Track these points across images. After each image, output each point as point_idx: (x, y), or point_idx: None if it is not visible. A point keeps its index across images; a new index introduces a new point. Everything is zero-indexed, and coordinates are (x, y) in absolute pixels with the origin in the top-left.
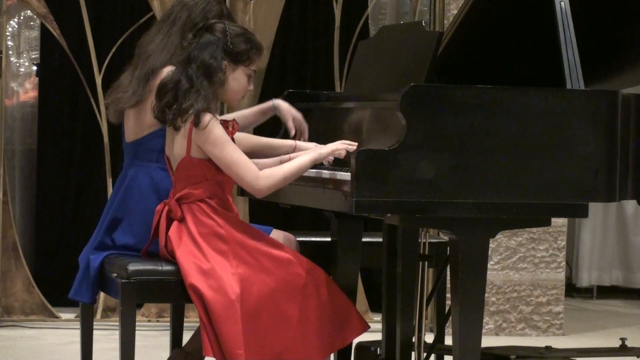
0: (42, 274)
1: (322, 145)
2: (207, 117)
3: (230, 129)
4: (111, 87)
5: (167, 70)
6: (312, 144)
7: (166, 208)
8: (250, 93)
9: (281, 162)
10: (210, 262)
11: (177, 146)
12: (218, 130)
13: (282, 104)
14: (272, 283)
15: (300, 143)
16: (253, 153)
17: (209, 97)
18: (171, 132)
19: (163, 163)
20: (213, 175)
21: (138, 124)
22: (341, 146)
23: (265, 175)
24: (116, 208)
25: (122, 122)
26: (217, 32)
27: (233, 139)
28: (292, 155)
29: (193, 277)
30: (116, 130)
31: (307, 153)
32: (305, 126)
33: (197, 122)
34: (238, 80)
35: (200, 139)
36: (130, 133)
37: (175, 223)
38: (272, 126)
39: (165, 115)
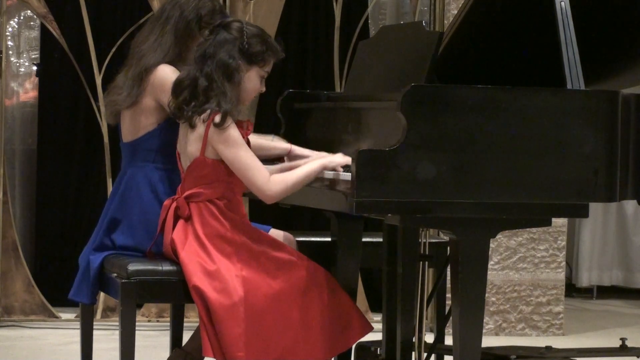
0: (42, 274)
1: (321, 153)
2: (229, 119)
3: (245, 129)
4: (107, 89)
5: (161, 69)
6: (308, 151)
7: (174, 204)
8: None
9: (281, 170)
10: (216, 263)
11: (190, 144)
12: (234, 132)
13: (297, 151)
14: (276, 285)
15: (295, 147)
16: None
17: (233, 100)
18: (185, 129)
19: (160, 163)
20: (224, 177)
21: (134, 124)
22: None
23: (276, 180)
24: (115, 209)
25: (119, 123)
26: (233, 31)
27: (248, 140)
28: (293, 163)
29: (197, 278)
30: (116, 130)
31: (316, 160)
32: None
33: (220, 123)
34: (251, 80)
35: (216, 139)
36: (127, 134)
37: (180, 222)
38: (272, 128)
39: (182, 112)
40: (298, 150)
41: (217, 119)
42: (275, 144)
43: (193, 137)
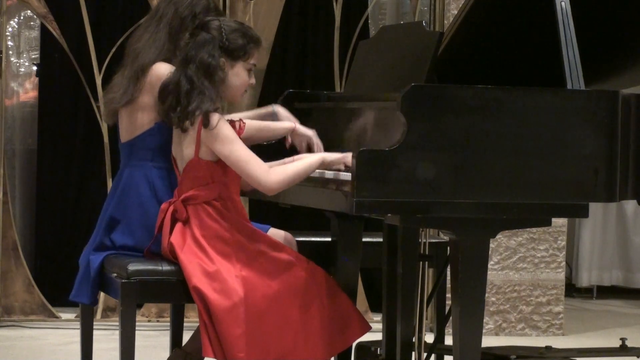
0: (42, 274)
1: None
2: (216, 117)
3: (237, 128)
4: (105, 90)
5: (157, 67)
6: (311, 131)
7: (171, 207)
8: (251, 91)
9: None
10: (215, 264)
11: (185, 147)
12: (226, 129)
13: (281, 112)
14: (275, 286)
15: (299, 126)
16: (252, 136)
17: (213, 97)
18: (178, 133)
19: (158, 162)
20: (220, 177)
21: (131, 123)
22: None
23: (275, 171)
24: (114, 208)
25: (117, 122)
26: (212, 30)
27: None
28: (295, 157)
29: (197, 279)
30: (116, 130)
31: (315, 154)
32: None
33: (206, 123)
34: (238, 75)
35: (209, 139)
36: (124, 133)
37: (178, 225)
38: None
39: (170, 117)
40: (302, 129)
41: (208, 120)
42: (279, 123)
43: (187, 140)
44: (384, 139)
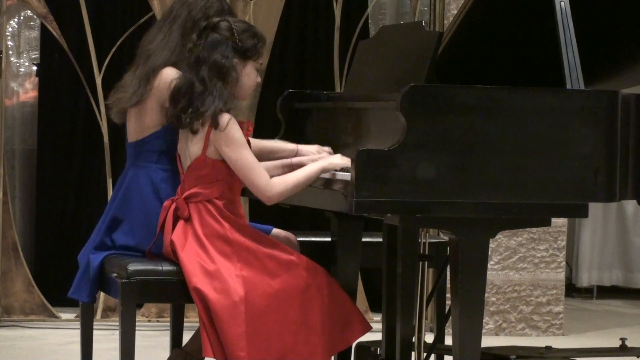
0: (42, 274)
1: (327, 153)
2: (226, 117)
3: (245, 130)
4: (114, 88)
5: (168, 70)
6: (315, 147)
7: (173, 205)
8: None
9: (283, 167)
10: (215, 263)
11: (192, 145)
12: (236, 132)
13: (304, 150)
14: (276, 285)
15: (302, 146)
16: (255, 155)
17: (224, 97)
18: (186, 132)
19: (163, 164)
20: (224, 176)
21: (139, 124)
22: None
23: (276, 182)
24: (116, 208)
25: (125, 122)
26: (223, 31)
27: (248, 141)
28: (294, 160)
29: (197, 279)
30: (116, 130)
31: (316, 162)
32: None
33: (216, 124)
34: (249, 75)
35: (219, 140)
36: (132, 133)
37: (180, 223)
38: (272, 128)
39: (181, 120)
40: (305, 149)
41: (217, 120)
42: (284, 144)
43: (195, 138)
44: (383, 139)
